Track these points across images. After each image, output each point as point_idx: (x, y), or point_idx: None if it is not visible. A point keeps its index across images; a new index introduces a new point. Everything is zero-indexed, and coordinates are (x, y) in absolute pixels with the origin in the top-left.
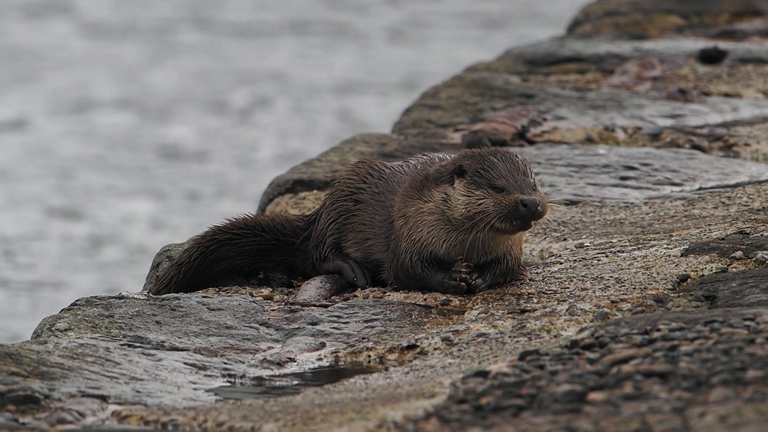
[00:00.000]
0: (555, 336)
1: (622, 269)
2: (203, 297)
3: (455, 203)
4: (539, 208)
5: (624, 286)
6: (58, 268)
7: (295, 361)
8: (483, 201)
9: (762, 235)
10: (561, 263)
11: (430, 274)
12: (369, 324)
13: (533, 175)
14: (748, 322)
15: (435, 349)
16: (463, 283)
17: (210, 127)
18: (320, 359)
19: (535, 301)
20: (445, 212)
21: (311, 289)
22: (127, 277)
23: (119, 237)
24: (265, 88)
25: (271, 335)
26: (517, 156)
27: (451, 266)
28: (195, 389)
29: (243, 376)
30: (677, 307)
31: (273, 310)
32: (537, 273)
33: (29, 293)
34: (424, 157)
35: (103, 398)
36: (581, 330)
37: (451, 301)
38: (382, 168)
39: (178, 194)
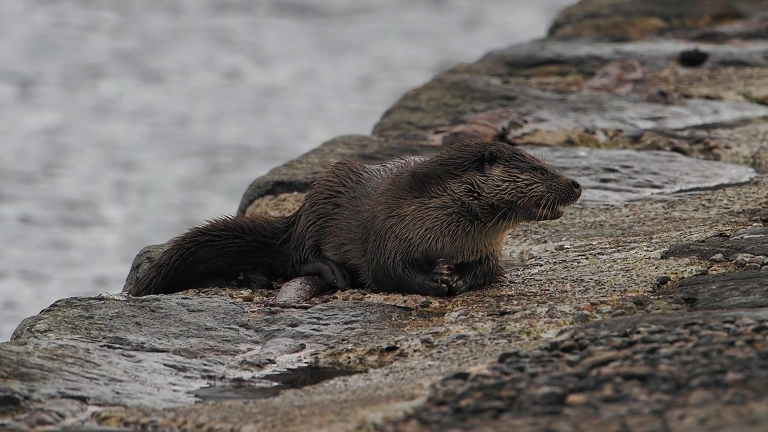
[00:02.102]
0: (535, 338)
1: (602, 271)
2: (183, 298)
3: (490, 189)
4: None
5: (604, 288)
6: None
7: (274, 363)
8: (534, 184)
9: (742, 237)
10: (541, 265)
11: (411, 275)
12: (349, 326)
13: None
14: (728, 325)
15: (415, 350)
16: (444, 285)
17: None
18: (300, 361)
19: (515, 303)
20: (469, 203)
21: (291, 290)
22: None
23: None
24: None
25: (251, 337)
26: None
27: (431, 269)
28: (175, 390)
29: (223, 378)
30: (657, 309)
31: (253, 312)
32: (517, 275)
33: None
34: (402, 161)
35: (83, 399)
36: (561, 332)
37: (431, 302)
38: (360, 171)
39: None
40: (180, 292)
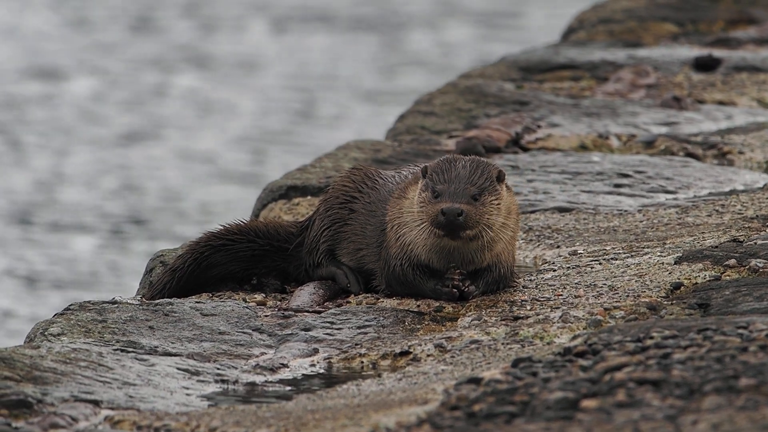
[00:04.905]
0: (548, 343)
1: (615, 277)
2: (196, 302)
3: (415, 204)
4: (460, 217)
5: (617, 293)
6: None
7: (288, 367)
8: (422, 207)
9: (755, 243)
10: (554, 270)
11: (422, 281)
12: (362, 330)
13: (489, 183)
14: (741, 330)
15: (428, 355)
16: (455, 290)
17: None
18: (313, 365)
19: (528, 308)
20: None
21: (304, 295)
22: None
23: None
24: None
25: (264, 341)
26: (477, 163)
27: (443, 274)
28: (188, 394)
29: (236, 382)
30: (670, 314)
31: (266, 316)
32: (530, 280)
33: None
34: (416, 168)
35: (96, 403)
36: (574, 337)
37: (444, 307)
38: (376, 177)
39: None
40: (193, 296)
